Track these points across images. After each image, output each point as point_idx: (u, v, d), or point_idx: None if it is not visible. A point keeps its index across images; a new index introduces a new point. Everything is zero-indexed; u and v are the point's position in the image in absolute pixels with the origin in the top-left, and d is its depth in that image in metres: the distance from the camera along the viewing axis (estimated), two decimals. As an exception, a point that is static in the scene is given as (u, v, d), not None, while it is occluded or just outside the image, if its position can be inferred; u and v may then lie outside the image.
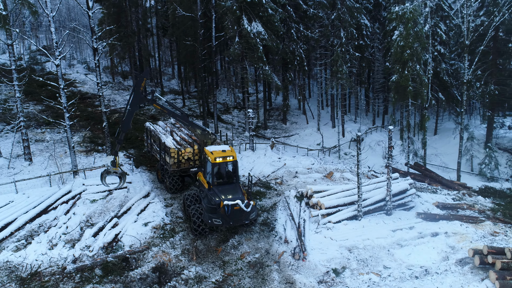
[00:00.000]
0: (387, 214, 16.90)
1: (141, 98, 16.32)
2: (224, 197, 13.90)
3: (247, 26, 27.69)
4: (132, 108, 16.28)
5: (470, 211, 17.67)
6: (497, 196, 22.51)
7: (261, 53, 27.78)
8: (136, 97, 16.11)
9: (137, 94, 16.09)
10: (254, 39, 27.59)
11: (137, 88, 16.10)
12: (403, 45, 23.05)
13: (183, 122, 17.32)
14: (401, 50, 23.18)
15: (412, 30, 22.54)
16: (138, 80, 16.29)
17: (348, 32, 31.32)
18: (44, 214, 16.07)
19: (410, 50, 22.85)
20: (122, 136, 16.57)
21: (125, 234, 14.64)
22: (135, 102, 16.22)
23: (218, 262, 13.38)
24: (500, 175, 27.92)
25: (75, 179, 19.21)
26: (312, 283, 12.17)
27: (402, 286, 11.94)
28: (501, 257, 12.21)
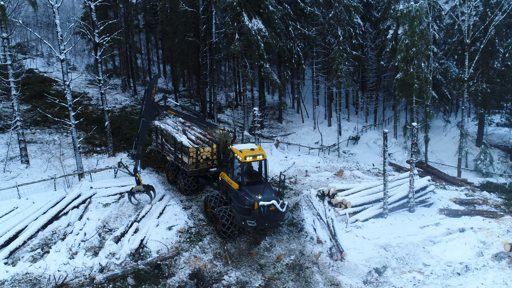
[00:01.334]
0: (410, 211, 16.88)
1: (154, 106, 15.58)
2: (258, 198, 13.33)
3: (248, 23, 27.14)
4: (147, 118, 15.54)
5: (487, 206, 17.94)
6: (499, 190, 23.10)
7: (262, 50, 27.30)
8: (149, 106, 15.38)
9: (149, 102, 15.37)
10: (255, 36, 27.07)
11: (148, 96, 15.30)
12: (408, 43, 23.24)
13: (200, 124, 16.63)
14: (406, 48, 23.36)
15: (417, 28, 22.76)
16: (148, 88, 15.46)
17: (346, 31, 31.40)
18: (55, 220, 14.90)
19: (416, 48, 23.07)
20: (139, 149, 15.84)
21: (149, 239, 13.78)
22: (149, 111, 15.47)
23: (254, 265, 12.80)
24: (495, 170, 28.83)
25: (81, 182, 18.00)
26: (358, 284, 11.84)
27: (448, 283, 11.83)
28: (540, 250, 12.35)
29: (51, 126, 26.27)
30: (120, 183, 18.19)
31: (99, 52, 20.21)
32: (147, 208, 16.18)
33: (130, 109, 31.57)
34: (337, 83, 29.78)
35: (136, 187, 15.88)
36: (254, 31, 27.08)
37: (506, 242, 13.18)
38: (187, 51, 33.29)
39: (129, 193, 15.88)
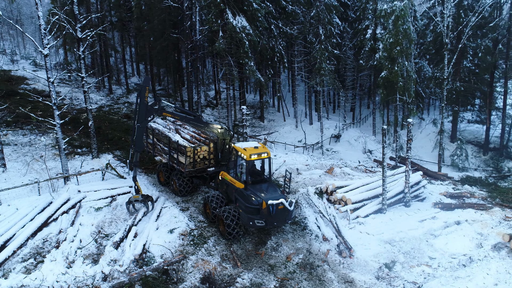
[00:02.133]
0: (406, 206, 17.19)
1: (149, 110, 14.99)
2: (265, 197, 13.02)
3: (232, 20, 26.73)
4: (142, 124, 14.86)
5: (475, 199, 18.62)
6: (479, 184, 24.13)
7: (247, 48, 26.98)
8: (143, 110, 14.72)
9: (143, 106, 14.70)
10: (240, 34, 26.70)
11: (141, 99, 14.61)
12: (392, 42, 23.75)
13: (197, 124, 16.10)
14: (391, 46, 23.86)
15: (401, 27, 23.29)
16: (140, 91, 14.74)
17: (327, 30, 31.69)
18: (45, 227, 13.86)
19: (400, 47, 23.60)
20: (137, 157, 15.16)
21: (151, 243, 13.12)
22: (143, 116, 14.80)
23: (265, 266, 12.49)
24: (470, 165, 30.15)
25: (67, 186, 16.88)
26: (372, 280, 11.83)
27: (456, 275, 12.07)
28: (537, 239, 12.89)
29: (24, 127, 24.61)
30: (109, 185, 17.24)
31: (82, 48, 19.07)
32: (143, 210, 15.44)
33: (108, 109, 30.21)
34: (320, 82, 29.97)
35: (134, 197, 15.06)
36: (238, 28, 26.70)
37: (504, 233, 13.67)
38: (167, 48, 32.33)
39: (127, 203, 15.08)
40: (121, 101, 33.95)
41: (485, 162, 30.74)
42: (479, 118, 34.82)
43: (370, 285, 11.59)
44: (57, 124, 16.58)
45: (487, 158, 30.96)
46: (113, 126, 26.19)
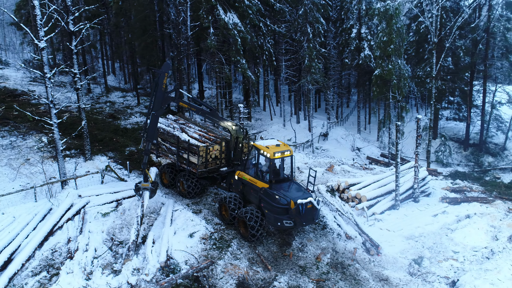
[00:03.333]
0: (415, 201, 17.40)
1: (166, 98, 14.26)
2: (293, 196, 12.59)
3: (224, 16, 26.06)
4: (157, 112, 14.14)
5: (476, 193, 19.19)
6: (468, 178, 25.03)
7: (240, 45, 26.42)
8: (160, 98, 13.99)
9: (160, 94, 13.97)
10: (232, 31, 26.09)
11: (159, 86, 13.88)
12: (386, 40, 24.07)
13: (212, 119, 15.36)
14: (384, 45, 24.18)
15: (395, 26, 23.66)
16: (159, 78, 13.96)
17: (315, 28, 31.74)
18: (50, 236, 12.62)
19: (394, 46, 23.98)
20: (149, 146, 14.41)
21: (173, 249, 12.30)
22: (160, 104, 14.09)
23: (295, 268, 12.06)
24: (453, 161, 31.30)
25: (66, 190, 15.59)
26: (407, 277, 11.75)
27: (484, 267, 12.22)
28: (553, 230, 13.36)
29: (1, 128, 22.64)
30: (110, 189, 16.11)
31: (74, 42, 17.71)
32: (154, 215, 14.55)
33: (89, 108, 28.48)
34: (311, 80, 29.93)
35: (143, 184, 14.16)
36: (231, 25, 26.07)
37: (520, 224, 14.09)
38: (151, 46, 31.05)
39: (135, 190, 14.30)
40: (101, 100, 32.20)
41: (466, 158, 32.02)
42: (457, 116, 36.31)
43: (406, 282, 11.49)
44: (54, 124, 15.24)
45: (468, 154, 32.27)
46: (100, 127, 24.72)
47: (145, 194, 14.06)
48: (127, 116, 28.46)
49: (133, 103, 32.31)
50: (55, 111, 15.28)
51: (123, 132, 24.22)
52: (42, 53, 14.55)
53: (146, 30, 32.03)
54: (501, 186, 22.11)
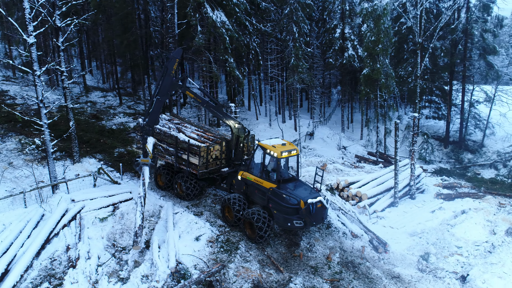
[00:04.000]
0: (412, 198, 17.68)
1: (173, 84, 13.92)
2: (303, 195, 12.40)
3: (211, 14, 25.59)
4: (162, 97, 13.81)
5: (466, 188, 19.75)
6: (453, 175, 25.80)
7: (228, 44, 26.02)
8: (167, 83, 13.66)
9: (168, 79, 13.65)
10: (220, 29, 25.66)
11: (168, 71, 13.59)
12: (374, 40, 24.39)
13: (216, 114, 14.95)
14: (373, 44, 24.50)
15: (383, 26, 24.02)
16: (169, 62, 13.66)
17: (301, 28, 31.77)
18: (47, 244, 11.83)
19: (382, 45, 24.34)
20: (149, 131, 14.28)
21: (181, 254, 11.83)
22: (166, 89, 13.80)
23: (307, 268, 11.89)
24: (435, 158, 32.20)
25: (59, 195, 14.71)
26: (418, 273, 11.83)
27: (489, 261, 12.52)
28: (548, 222, 13.88)
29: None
30: (104, 192, 15.33)
31: (61, 38, 16.79)
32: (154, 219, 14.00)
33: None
34: (299, 79, 29.93)
35: (143, 160, 13.80)
36: (219, 23, 25.63)
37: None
38: (134, 44, 30.08)
39: (135, 165, 14.13)
40: (81, 100, 30.86)
41: (447, 155, 33.02)
42: (437, 114, 37.39)
43: (417, 278, 11.56)
44: (45, 125, 14.34)
45: (449, 151, 33.29)
46: (84, 128, 23.63)
47: (145, 170, 13.71)
48: (111, 116, 27.41)
49: (115, 103, 31.19)
50: (46, 111, 14.38)
51: (110, 133, 23.29)
52: (31, 49, 13.64)
53: (127, 28, 31.02)
54: (487, 181, 22.92)
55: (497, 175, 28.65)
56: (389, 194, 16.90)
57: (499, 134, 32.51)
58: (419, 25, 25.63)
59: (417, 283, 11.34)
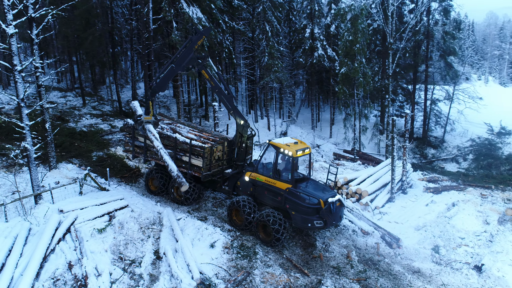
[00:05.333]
0: (404, 193, 18.13)
1: (192, 58, 13.64)
2: (321, 194, 12.09)
3: (188, 10, 24.55)
4: (177, 67, 13.62)
5: (447, 182, 20.69)
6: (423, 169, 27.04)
7: (205, 42, 25.10)
8: (186, 55, 13.46)
9: (189, 52, 13.50)
10: (197, 26, 24.69)
11: (191, 45, 13.51)
12: (352, 39, 24.86)
13: (227, 104, 14.28)
14: (351, 44, 24.96)
15: (360, 26, 24.56)
16: (195, 37, 13.49)
17: (273, 27, 31.62)
18: (44, 262, 10.39)
19: (359, 45, 24.87)
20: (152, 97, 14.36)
21: (198, 263, 10.97)
22: (183, 61, 13.56)
23: (330, 269, 11.60)
24: (402, 154, 33.63)
25: (42, 206, 13.07)
26: (436, 266, 12.03)
27: (493, 250, 13.06)
28: (536, 210, 14.84)
29: None
30: (95, 201, 13.88)
31: (35, 30, 14.99)
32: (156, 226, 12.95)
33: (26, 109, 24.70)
34: (275, 78, 29.71)
35: (146, 117, 14.12)
36: (195, 19, 24.65)
37: (508, 208, 15.36)
38: (100, 39, 28.02)
39: (138, 124, 14.25)
40: (41, 100, 28.12)
41: (412, 150, 34.66)
42: (399, 112, 39.16)
43: (437, 272, 11.75)
44: (26, 127, 12.65)
45: (413, 147, 34.96)
46: (51, 130, 21.45)
47: (149, 126, 14.13)
48: (77, 118, 25.25)
49: (78, 104, 28.81)
50: (27, 111, 12.71)
51: (82, 136, 21.38)
52: (11, 41, 11.95)
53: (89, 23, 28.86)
54: (461, 174, 24.28)
55: (458, 168, 30.67)
56: (385, 190, 17.20)
57: (458, 130, 34.79)
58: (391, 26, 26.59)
59: (438, 276, 11.52)
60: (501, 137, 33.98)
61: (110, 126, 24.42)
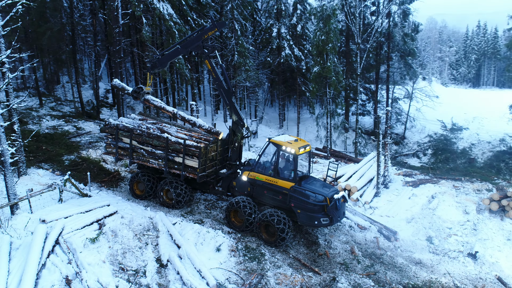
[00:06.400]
0: (386, 188, 18.68)
1: (198, 46, 13.56)
2: (325, 191, 12.02)
3: (158, 5, 23.54)
4: (182, 50, 13.83)
5: (421, 176, 21.67)
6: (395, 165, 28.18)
7: (177, 38, 24.22)
8: (194, 41, 13.56)
9: (197, 39, 13.50)
10: (168, 22, 23.77)
11: (202, 33, 13.46)
12: (324, 39, 25.29)
13: (225, 98, 13.77)
14: (323, 44, 25.38)
15: (332, 26, 25.06)
16: (208, 27, 13.34)
17: (243, 25, 31.30)
18: (37, 279, 9.26)
19: (332, 44, 25.36)
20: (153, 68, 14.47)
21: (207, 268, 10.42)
22: (189, 45, 13.67)
23: (338, 266, 11.58)
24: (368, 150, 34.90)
25: (18, 216, 11.71)
26: (434, 257, 12.48)
27: (480, 237, 13.82)
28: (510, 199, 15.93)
29: None
30: (79, 208, 12.68)
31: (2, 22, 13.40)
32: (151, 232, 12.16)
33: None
34: (247, 77, 29.40)
35: (147, 88, 14.86)
36: (167, 15, 23.70)
37: (485, 198, 16.33)
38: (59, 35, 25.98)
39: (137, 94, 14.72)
40: None
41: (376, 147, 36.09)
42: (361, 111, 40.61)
43: (437, 261, 12.19)
44: (1, 128, 11.26)
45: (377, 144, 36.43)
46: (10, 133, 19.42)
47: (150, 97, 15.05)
48: (36, 119, 23.14)
49: (34, 105, 26.45)
50: (2, 111, 11.32)
51: (48, 138, 19.60)
52: (-16, 31, 10.56)
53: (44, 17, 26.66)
54: (428, 168, 25.60)
55: (420, 162, 32.41)
56: (371, 185, 17.62)
57: (417, 127, 36.77)
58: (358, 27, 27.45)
59: (439, 266, 11.94)
60: (454, 132, 36.39)
61: (75, 128, 22.69)
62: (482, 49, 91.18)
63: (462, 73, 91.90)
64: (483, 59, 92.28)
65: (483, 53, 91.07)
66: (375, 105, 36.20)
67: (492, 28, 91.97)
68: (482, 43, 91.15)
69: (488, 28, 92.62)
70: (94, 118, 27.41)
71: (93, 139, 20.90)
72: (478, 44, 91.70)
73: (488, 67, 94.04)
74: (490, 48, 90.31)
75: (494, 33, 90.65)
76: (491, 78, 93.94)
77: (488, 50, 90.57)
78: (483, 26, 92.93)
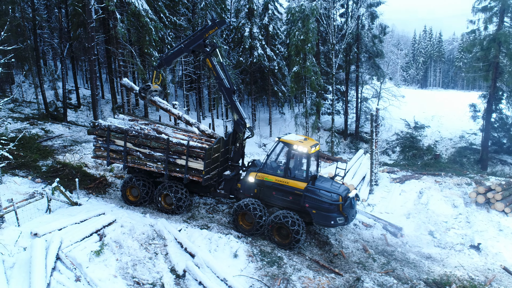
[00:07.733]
0: (376, 185, 18.96)
1: (200, 45, 13.34)
2: (339, 190, 11.84)
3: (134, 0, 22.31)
4: (185, 48, 13.67)
5: (402, 172, 22.33)
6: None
7: (155, 36, 23.12)
8: (196, 40, 13.45)
9: (199, 37, 13.38)
10: (144, 18, 22.59)
11: (203, 32, 13.35)
12: (303, 39, 25.37)
13: (226, 98, 13.19)
14: (302, 43, 25.44)
15: (311, 26, 25.21)
16: (209, 25, 13.10)
17: (216, 24, 30.55)
18: (44, 301, 8.15)
19: (311, 44, 25.50)
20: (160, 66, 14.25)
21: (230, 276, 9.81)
22: (191, 44, 13.52)
23: (355, 265, 11.44)
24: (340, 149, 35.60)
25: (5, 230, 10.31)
26: (442, 251, 12.75)
27: (476, 229, 14.36)
28: (495, 191, 16.78)
29: None
30: (70, 218, 11.44)
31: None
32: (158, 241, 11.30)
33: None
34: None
35: (155, 86, 14.58)
36: (142, 11, 22.50)
37: (471, 192, 17.07)
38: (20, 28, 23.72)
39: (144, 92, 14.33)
40: None
41: (347, 146, 36.95)
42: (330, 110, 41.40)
43: (446, 255, 12.46)
44: (-15, 131, 9.82)
45: (348, 142, 37.30)
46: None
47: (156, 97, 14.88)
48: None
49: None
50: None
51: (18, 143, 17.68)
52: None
53: (0, 10, 24.25)
54: (405, 165, 26.48)
55: (390, 159, 33.63)
56: (364, 183, 17.79)
57: (385, 126, 38.11)
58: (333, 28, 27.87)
59: (448, 259, 12.21)
60: (418, 130, 38.21)
61: (44, 131, 20.78)
62: (428, 52, 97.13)
63: (412, 75, 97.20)
64: (430, 62, 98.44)
65: (429, 56, 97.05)
66: (345, 105, 37.01)
67: (437, 33, 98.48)
68: (429, 47, 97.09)
69: (434, 33, 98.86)
70: (60, 120, 25.38)
71: (67, 143, 19.23)
72: (425, 47, 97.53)
73: (434, 69, 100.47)
74: (436, 52, 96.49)
75: (439, 37, 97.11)
76: (437, 80, 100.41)
77: (434, 53, 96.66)
78: (429, 31, 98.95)
